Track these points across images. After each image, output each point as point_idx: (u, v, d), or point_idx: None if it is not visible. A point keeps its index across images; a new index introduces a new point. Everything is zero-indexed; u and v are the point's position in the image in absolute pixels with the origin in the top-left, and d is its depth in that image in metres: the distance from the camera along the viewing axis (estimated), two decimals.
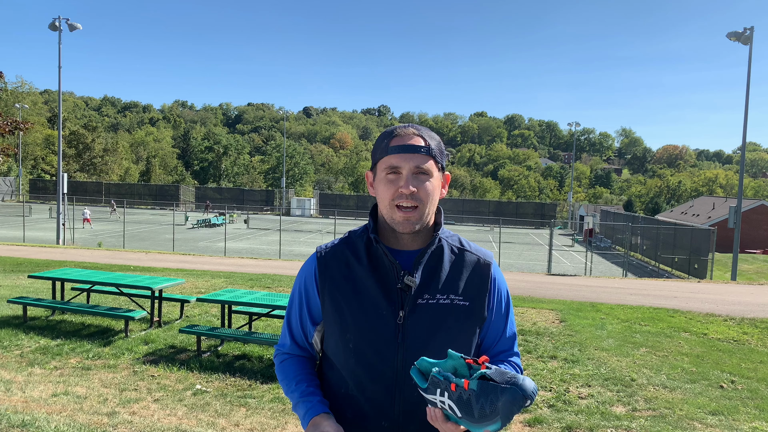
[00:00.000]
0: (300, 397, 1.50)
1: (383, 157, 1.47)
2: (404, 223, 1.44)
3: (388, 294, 1.46)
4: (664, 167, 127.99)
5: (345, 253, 1.54)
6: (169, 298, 8.42)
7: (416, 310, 1.45)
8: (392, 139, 1.47)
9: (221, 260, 18.29)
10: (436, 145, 1.49)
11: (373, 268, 1.49)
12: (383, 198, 1.47)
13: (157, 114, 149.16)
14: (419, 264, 1.48)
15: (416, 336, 1.45)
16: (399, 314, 1.45)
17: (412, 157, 1.44)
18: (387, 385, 1.45)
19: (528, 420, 4.74)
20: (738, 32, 21.71)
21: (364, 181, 1.78)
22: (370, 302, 1.47)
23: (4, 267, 13.69)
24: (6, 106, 57.27)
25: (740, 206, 21.82)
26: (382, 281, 1.47)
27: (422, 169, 1.44)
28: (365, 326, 1.46)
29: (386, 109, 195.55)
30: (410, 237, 1.51)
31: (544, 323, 8.83)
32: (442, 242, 1.54)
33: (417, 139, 1.46)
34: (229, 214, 45.11)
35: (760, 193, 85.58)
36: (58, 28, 24.32)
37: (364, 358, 1.46)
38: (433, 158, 1.47)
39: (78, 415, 4.48)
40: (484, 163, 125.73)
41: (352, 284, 1.50)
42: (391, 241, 1.53)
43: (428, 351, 1.44)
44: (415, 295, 1.46)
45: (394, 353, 1.45)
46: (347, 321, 1.48)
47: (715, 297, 13.05)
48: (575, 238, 42.00)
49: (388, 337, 1.45)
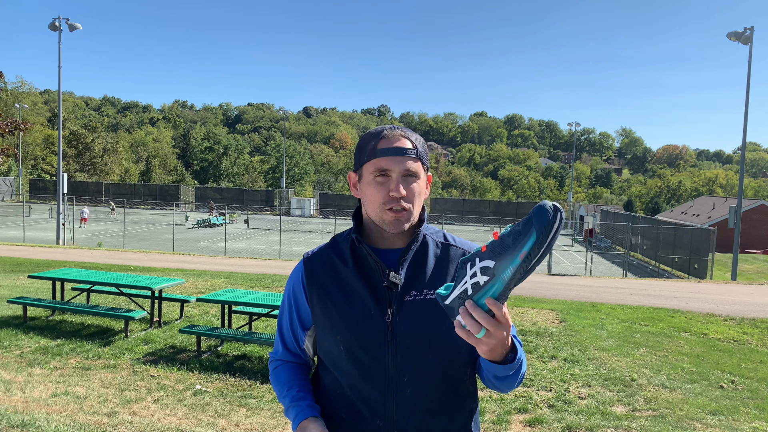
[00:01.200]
0: (291, 402, 1.53)
1: (371, 160, 1.46)
2: (395, 222, 1.45)
3: (375, 293, 1.47)
4: (664, 167, 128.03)
5: (331, 256, 1.55)
6: (169, 298, 8.42)
7: (404, 306, 1.45)
8: (380, 141, 1.46)
9: (221, 260, 18.29)
10: (422, 147, 1.50)
11: (359, 268, 1.50)
12: (373, 201, 1.46)
13: (157, 114, 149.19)
14: (404, 261, 1.48)
15: (405, 333, 1.44)
16: (387, 312, 1.45)
17: (402, 159, 1.44)
18: (379, 385, 1.45)
19: (528, 420, 4.74)
20: (738, 32, 21.71)
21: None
22: (358, 303, 1.47)
23: (4, 267, 13.69)
24: (6, 106, 57.29)
25: (740, 206, 21.82)
26: (368, 281, 1.48)
27: (411, 171, 1.45)
28: (354, 327, 1.46)
29: (386, 109, 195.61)
30: (395, 235, 1.51)
31: (544, 323, 8.83)
32: (427, 238, 1.54)
33: (405, 141, 1.46)
34: (229, 214, 45.12)
35: (760, 193, 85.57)
36: (58, 28, 24.32)
37: (356, 358, 1.46)
38: (420, 160, 1.48)
39: (78, 415, 4.47)
40: (484, 163, 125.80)
41: (339, 287, 1.50)
42: (376, 241, 1.53)
43: (418, 348, 1.44)
44: (402, 292, 1.46)
45: (385, 352, 1.44)
46: (337, 323, 1.48)
47: (715, 297, 13.04)
48: (575, 238, 41.98)
49: (377, 336, 1.44)
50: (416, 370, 1.45)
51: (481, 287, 1.14)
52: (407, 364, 1.44)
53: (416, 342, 1.44)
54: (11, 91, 61.86)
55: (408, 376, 1.45)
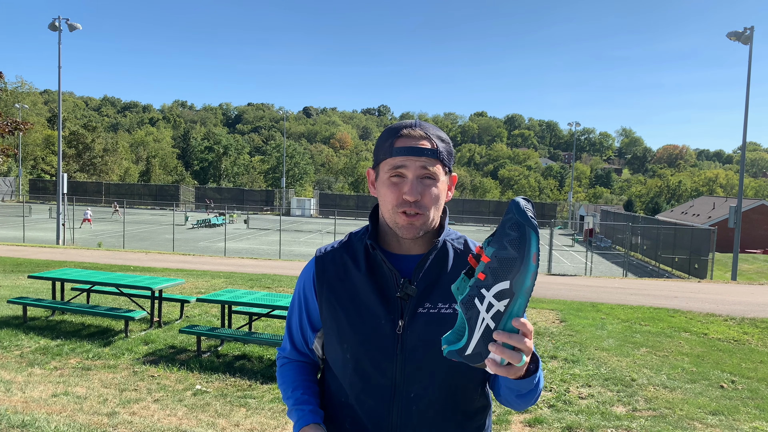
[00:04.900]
0: (294, 404, 1.48)
1: (387, 158, 1.38)
2: (408, 227, 1.37)
3: (386, 303, 1.40)
4: (665, 167, 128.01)
5: (344, 257, 1.48)
6: (169, 298, 8.41)
7: (416, 319, 1.38)
8: (397, 138, 1.38)
9: (221, 260, 18.29)
10: (444, 147, 1.40)
11: (372, 275, 1.43)
12: (386, 202, 1.39)
13: (157, 114, 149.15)
14: (420, 271, 1.41)
15: (415, 347, 1.38)
16: (398, 324, 1.38)
17: (418, 159, 1.35)
18: (384, 397, 1.40)
19: (528, 420, 4.74)
20: (738, 32, 21.71)
21: (365, 181, 1.65)
22: (368, 311, 1.40)
23: (4, 267, 13.69)
24: (6, 106, 57.24)
25: (740, 206, 21.82)
26: (380, 289, 1.41)
27: (428, 173, 1.36)
28: (362, 336, 1.40)
29: (386, 109, 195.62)
30: (412, 241, 1.44)
31: (544, 323, 8.83)
32: (447, 245, 1.46)
33: (424, 141, 1.37)
34: (229, 214, 45.11)
35: (760, 192, 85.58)
36: (58, 28, 24.33)
37: (361, 368, 1.41)
38: (441, 161, 1.38)
39: (78, 416, 4.47)
40: (484, 163, 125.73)
41: (349, 291, 1.43)
42: (392, 246, 1.46)
43: (428, 363, 1.38)
44: (416, 304, 1.39)
45: (393, 364, 1.38)
46: (344, 330, 1.42)
47: (715, 297, 13.04)
48: (575, 238, 41.99)
49: (386, 348, 1.39)
50: (424, 386, 1.39)
51: (503, 313, 1.08)
52: (415, 379, 1.38)
53: (426, 357, 1.37)
54: (11, 91, 61.80)
55: (415, 392, 1.39)
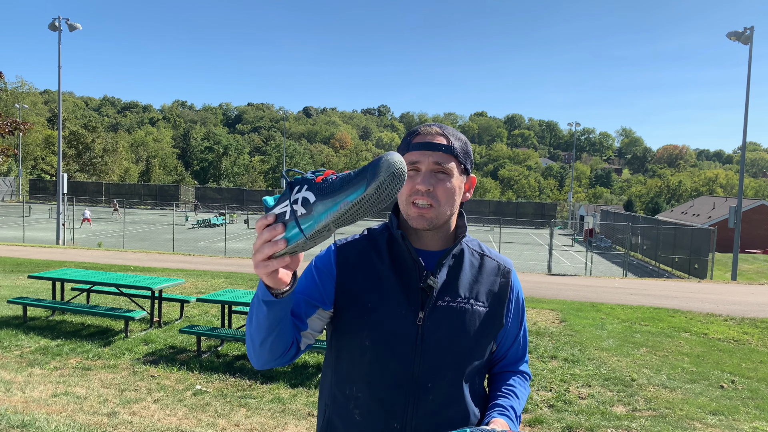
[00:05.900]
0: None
1: (404, 154, 1.44)
2: (418, 218, 1.42)
3: (408, 293, 1.43)
4: (665, 167, 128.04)
5: (366, 248, 1.50)
6: (169, 298, 8.41)
7: (436, 311, 1.43)
8: (415, 136, 1.45)
9: (221, 260, 18.28)
10: (460, 146, 1.46)
11: (395, 265, 1.46)
12: (401, 194, 1.44)
13: (157, 114, 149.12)
14: (442, 265, 1.45)
15: (435, 338, 1.42)
16: (419, 315, 1.42)
17: (432, 154, 1.41)
18: (401, 386, 1.42)
19: (528, 420, 4.74)
20: (738, 32, 21.71)
21: None
22: (390, 300, 1.43)
23: (4, 267, 13.69)
24: (6, 106, 57.31)
25: (740, 206, 21.81)
26: (403, 280, 1.44)
27: (442, 167, 1.41)
28: (384, 325, 1.42)
29: (386, 109, 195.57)
30: (432, 237, 1.48)
31: (544, 323, 8.83)
32: (463, 245, 1.52)
33: (439, 137, 1.44)
34: (229, 214, 45.11)
35: (760, 192, 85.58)
36: (58, 28, 24.33)
37: (380, 357, 1.43)
38: (456, 158, 1.44)
39: (78, 416, 4.47)
40: (484, 163, 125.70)
41: (372, 280, 1.46)
42: (412, 240, 1.50)
43: (446, 354, 1.42)
44: (437, 296, 1.43)
45: (412, 355, 1.41)
46: (365, 318, 1.44)
47: (715, 297, 13.04)
48: (575, 238, 42.00)
49: (406, 338, 1.42)
50: (441, 377, 1.42)
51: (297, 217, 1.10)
52: (433, 370, 1.42)
53: (445, 348, 1.42)
54: (11, 91, 61.84)
55: (432, 382, 1.42)
